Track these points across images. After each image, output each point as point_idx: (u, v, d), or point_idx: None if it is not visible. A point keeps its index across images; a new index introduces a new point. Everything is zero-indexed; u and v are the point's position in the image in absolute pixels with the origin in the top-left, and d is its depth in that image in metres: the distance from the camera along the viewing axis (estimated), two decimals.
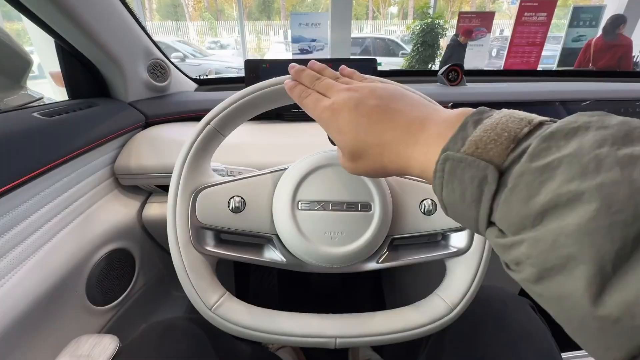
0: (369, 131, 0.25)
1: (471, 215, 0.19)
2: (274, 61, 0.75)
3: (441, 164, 0.19)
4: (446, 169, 0.19)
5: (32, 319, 0.42)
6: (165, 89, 0.81)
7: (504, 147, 0.17)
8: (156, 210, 0.64)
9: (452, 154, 0.19)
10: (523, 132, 0.17)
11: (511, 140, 0.17)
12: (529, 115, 0.19)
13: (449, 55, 4.43)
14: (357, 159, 0.27)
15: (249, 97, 0.35)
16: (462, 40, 4.35)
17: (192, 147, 0.35)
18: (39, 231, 0.46)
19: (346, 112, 0.26)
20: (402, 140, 0.24)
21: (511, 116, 0.19)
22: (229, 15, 16.74)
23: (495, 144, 0.17)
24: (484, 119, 0.19)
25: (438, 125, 0.23)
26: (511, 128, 0.18)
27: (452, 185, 0.19)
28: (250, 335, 0.35)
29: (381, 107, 0.26)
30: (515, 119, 0.18)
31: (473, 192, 0.18)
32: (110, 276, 0.58)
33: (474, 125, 0.19)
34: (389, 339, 0.36)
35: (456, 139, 0.19)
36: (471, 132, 0.19)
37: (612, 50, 3.21)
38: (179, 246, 0.35)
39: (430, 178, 0.21)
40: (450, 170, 0.19)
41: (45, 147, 0.47)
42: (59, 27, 0.58)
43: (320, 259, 0.35)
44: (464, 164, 0.18)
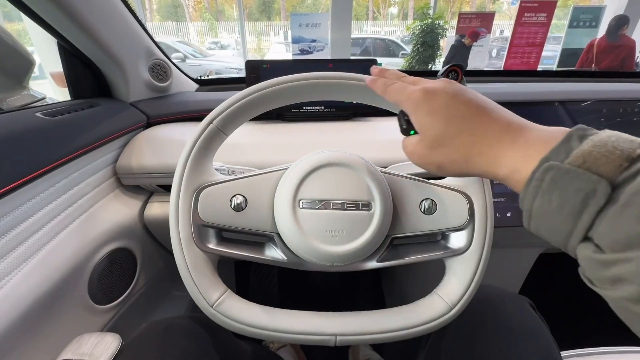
0: (466, 119, 0.25)
1: (565, 227, 0.18)
2: (275, 62, 0.75)
3: (542, 172, 0.19)
4: (547, 178, 0.19)
5: (35, 317, 0.43)
6: (166, 89, 0.82)
7: (616, 164, 0.17)
8: (157, 209, 0.64)
9: (557, 164, 0.19)
10: (637, 152, 0.17)
11: (624, 158, 0.17)
12: (637, 139, 0.19)
13: (452, 55, 4.38)
14: (439, 146, 0.26)
15: (251, 96, 0.36)
16: (467, 43, 4.30)
17: (195, 145, 0.36)
18: (41, 230, 0.46)
19: (443, 96, 0.26)
20: (498, 136, 0.24)
21: (620, 136, 0.19)
22: (229, 15, 16.76)
23: (607, 159, 0.18)
24: (589, 135, 0.19)
25: (539, 132, 0.23)
26: (623, 147, 0.18)
27: (551, 195, 0.19)
28: (251, 332, 0.35)
29: (479, 102, 0.26)
30: (625, 140, 0.18)
31: (575, 205, 0.18)
32: (111, 275, 0.58)
33: (579, 139, 0.19)
34: (388, 337, 0.36)
35: (559, 151, 0.19)
36: (576, 146, 0.19)
37: (615, 51, 3.19)
38: (181, 244, 0.35)
39: (517, 182, 0.22)
40: (552, 180, 0.19)
41: (47, 147, 0.48)
42: (61, 27, 0.58)
43: (321, 258, 0.35)
44: (570, 175, 0.18)
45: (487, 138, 0.24)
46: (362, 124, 0.74)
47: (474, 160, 0.25)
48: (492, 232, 0.37)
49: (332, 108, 0.76)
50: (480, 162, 0.25)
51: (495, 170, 0.24)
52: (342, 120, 0.76)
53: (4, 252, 0.40)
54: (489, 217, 0.37)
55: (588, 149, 0.18)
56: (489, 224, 0.37)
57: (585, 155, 0.18)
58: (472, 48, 4.40)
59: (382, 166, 0.41)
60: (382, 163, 0.47)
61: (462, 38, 4.37)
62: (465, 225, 0.37)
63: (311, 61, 0.78)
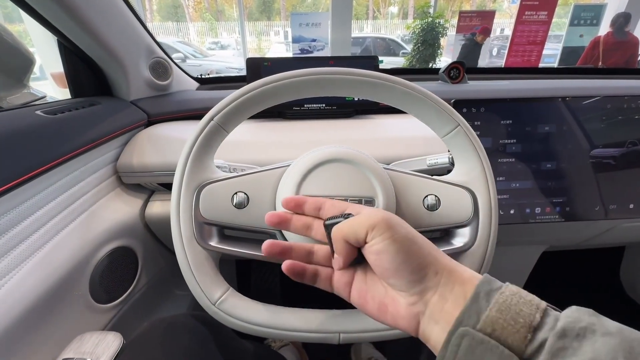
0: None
1: None
2: (276, 59, 0.75)
3: (458, 337, 0.20)
4: (463, 345, 0.20)
5: (36, 316, 0.42)
6: (167, 87, 0.81)
7: (522, 335, 0.19)
8: (158, 208, 0.64)
9: (471, 332, 0.20)
10: (536, 319, 0.19)
11: (527, 328, 0.19)
12: (534, 298, 0.21)
13: (464, 55, 4.29)
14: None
15: (251, 93, 0.35)
16: (479, 40, 4.22)
17: (196, 142, 0.35)
18: (42, 229, 0.46)
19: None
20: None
21: (521, 296, 0.20)
22: (229, 15, 16.76)
23: (513, 329, 0.19)
24: (494, 291, 0.21)
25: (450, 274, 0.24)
26: (525, 313, 0.19)
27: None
28: (254, 330, 0.35)
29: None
30: (525, 301, 0.20)
31: None
32: (113, 274, 0.58)
33: (487, 297, 0.21)
34: (392, 334, 0.36)
35: (470, 312, 0.20)
36: (484, 307, 0.20)
37: (622, 48, 3.17)
38: (182, 242, 0.35)
39: (433, 331, 0.23)
40: (468, 349, 0.19)
41: (48, 145, 0.47)
42: (63, 26, 0.58)
43: None
44: (484, 347, 0.19)
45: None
46: (363, 121, 0.74)
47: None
48: (497, 229, 0.37)
49: (334, 106, 0.75)
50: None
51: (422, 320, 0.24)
52: (344, 117, 0.76)
53: (4, 251, 0.40)
54: (493, 213, 0.37)
55: (495, 315, 0.20)
56: (493, 220, 0.37)
57: (493, 322, 0.19)
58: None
59: (384, 163, 0.40)
60: (385, 160, 0.47)
61: (473, 36, 4.28)
62: (470, 221, 0.37)
63: (312, 59, 0.78)
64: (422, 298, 0.24)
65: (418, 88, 0.36)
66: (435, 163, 0.50)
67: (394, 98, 0.37)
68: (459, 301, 0.22)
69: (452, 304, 0.22)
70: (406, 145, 0.61)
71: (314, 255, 0.30)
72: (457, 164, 0.39)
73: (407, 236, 0.25)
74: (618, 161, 0.59)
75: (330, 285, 0.30)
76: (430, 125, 0.38)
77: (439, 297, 0.23)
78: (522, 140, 0.58)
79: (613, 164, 0.59)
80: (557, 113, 0.58)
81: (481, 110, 0.57)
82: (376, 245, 0.25)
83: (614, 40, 3.18)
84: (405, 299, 0.25)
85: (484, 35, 4.24)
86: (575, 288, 1.03)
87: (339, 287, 0.29)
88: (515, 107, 0.57)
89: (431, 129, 0.38)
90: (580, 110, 0.58)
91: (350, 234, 0.26)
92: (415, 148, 0.60)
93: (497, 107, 0.57)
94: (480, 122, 0.57)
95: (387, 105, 0.38)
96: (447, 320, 0.22)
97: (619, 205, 0.59)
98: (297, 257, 0.30)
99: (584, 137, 0.59)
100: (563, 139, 0.58)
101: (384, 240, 0.24)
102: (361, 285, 0.28)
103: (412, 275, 0.24)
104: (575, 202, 0.59)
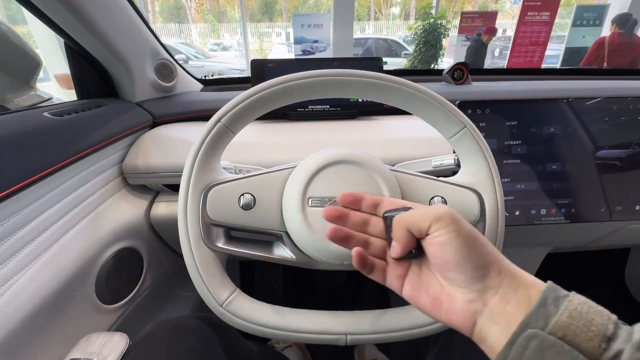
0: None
1: None
2: (280, 61, 0.75)
3: (525, 339, 0.20)
4: (531, 346, 0.19)
5: (43, 317, 0.43)
6: (171, 89, 0.82)
7: (595, 343, 0.19)
8: (164, 209, 0.64)
9: (542, 334, 0.19)
10: (609, 329, 0.19)
11: (601, 337, 0.19)
12: (603, 309, 0.21)
13: (471, 56, 4.22)
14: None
15: (259, 94, 0.35)
16: (485, 40, 4.18)
17: (203, 144, 0.36)
18: (49, 230, 0.46)
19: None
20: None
21: (590, 305, 0.20)
22: (231, 17, 16.82)
23: (586, 336, 0.19)
24: (561, 298, 0.21)
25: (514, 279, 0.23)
26: (597, 322, 0.19)
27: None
28: (261, 331, 0.35)
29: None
30: (595, 311, 0.20)
31: None
32: (118, 275, 0.58)
33: (555, 303, 0.21)
34: (399, 336, 0.36)
35: (538, 315, 0.20)
36: (554, 311, 0.20)
37: (627, 49, 3.14)
38: (190, 243, 0.35)
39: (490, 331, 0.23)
40: (537, 350, 0.19)
41: (55, 147, 0.48)
42: (69, 28, 0.58)
43: (331, 256, 0.35)
44: (556, 349, 0.19)
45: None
46: (368, 122, 0.74)
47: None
48: (503, 230, 0.37)
49: (338, 107, 0.75)
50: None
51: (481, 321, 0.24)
52: (348, 119, 0.76)
53: (12, 252, 0.40)
54: (500, 215, 0.37)
55: (566, 320, 0.20)
56: (500, 222, 0.37)
57: (564, 328, 0.19)
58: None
59: (389, 164, 0.40)
60: (390, 161, 0.47)
61: (479, 36, 4.23)
62: (476, 223, 0.37)
63: (316, 60, 0.78)
64: (482, 297, 0.24)
65: (424, 89, 0.36)
66: (440, 164, 0.50)
67: (400, 100, 0.37)
68: (523, 304, 0.22)
69: (515, 306, 0.22)
70: (411, 147, 0.61)
71: (370, 247, 0.30)
72: (463, 165, 0.39)
73: (472, 232, 0.25)
74: (624, 162, 0.59)
75: (383, 278, 0.29)
76: (436, 126, 0.38)
77: (501, 298, 0.23)
78: (527, 141, 0.58)
79: (619, 165, 0.59)
80: (561, 114, 0.58)
81: (486, 112, 0.57)
82: (440, 237, 0.25)
83: (619, 40, 3.16)
84: (463, 296, 0.24)
85: (490, 35, 4.20)
86: (580, 290, 1.03)
87: (392, 279, 0.29)
88: (520, 108, 0.57)
89: (437, 130, 0.38)
90: (585, 112, 0.58)
91: (413, 223, 0.26)
92: (420, 149, 0.60)
93: (502, 108, 0.57)
94: (485, 123, 0.57)
95: (392, 106, 0.38)
96: (508, 321, 0.22)
97: (625, 207, 0.59)
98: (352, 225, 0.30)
99: (589, 138, 0.58)
100: (568, 140, 0.58)
101: (449, 233, 0.24)
102: (415, 278, 0.28)
103: (474, 271, 0.24)
104: (580, 203, 0.59)
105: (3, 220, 0.39)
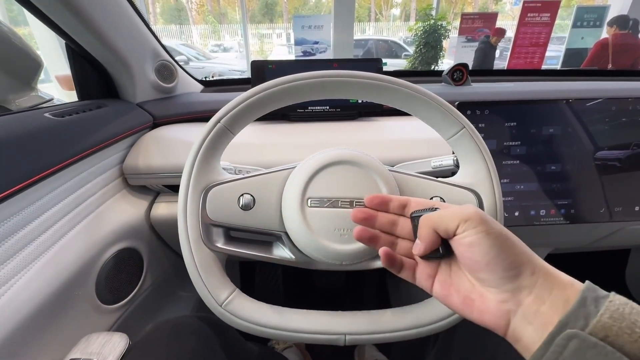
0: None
1: None
2: (280, 62, 0.75)
3: (564, 339, 0.19)
4: (570, 346, 0.19)
5: (43, 317, 0.43)
6: (172, 90, 0.82)
7: (639, 345, 0.18)
8: (164, 209, 0.64)
9: (582, 335, 0.19)
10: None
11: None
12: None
13: (480, 59, 4.14)
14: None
15: (258, 95, 0.36)
16: (493, 42, 4.12)
17: (203, 144, 0.36)
18: (50, 230, 0.46)
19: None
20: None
21: (632, 307, 0.20)
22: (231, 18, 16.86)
23: (630, 338, 0.18)
24: (601, 299, 0.20)
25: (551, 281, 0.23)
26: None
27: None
28: (260, 331, 0.35)
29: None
30: (638, 312, 0.19)
31: None
32: (118, 275, 0.58)
33: (595, 304, 0.20)
34: (398, 336, 0.36)
35: (577, 316, 0.20)
36: (594, 312, 0.19)
37: (630, 50, 3.10)
38: (189, 243, 0.35)
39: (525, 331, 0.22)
40: (576, 351, 0.19)
41: (56, 147, 0.48)
42: (70, 29, 0.59)
43: (330, 256, 0.35)
44: (597, 351, 0.18)
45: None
46: (367, 123, 0.74)
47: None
48: None
49: (338, 108, 0.75)
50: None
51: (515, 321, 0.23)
52: (348, 120, 0.76)
53: (13, 252, 0.40)
54: (498, 215, 0.37)
55: (607, 321, 0.19)
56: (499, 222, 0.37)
57: (606, 328, 0.19)
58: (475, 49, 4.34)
59: (389, 165, 0.40)
60: (389, 162, 0.47)
61: (487, 38, 4.12)
62: None
63: (316, 61, 0.78)
64: (515, 297, 0.23)
65: (423, 90, 0.36)
66: (439, 165, 0.50)
67: (399, 100, 0.37)
68: (559, 304, 0.21)
69: (550, 307, 0.22)
70: (410, 147, 0.61)
71: (397, 247, 0.30)
72: (462, 166, 0.39)
73: (502, 232, 0.24)
74: (623, 163, 0.59)
75: (413, 276, 0.29)
76: (435, 127, 0.38)
77: (535, 298, 0.23)
78: (527, 142, 0.58)
79: (618, 166, 0.59)
80: (561, 115, 0.58)
81: (485, 113, 0.57)
82: (469, 237, 0.24)
83: (621, 42, 3.14)
84: (495, 296, 0.24)
85: (498, 36, 4.12)
86: None
87: (422, 278, 0.29)
88: (520, 109, 0.57)
89: (436, 131, 0.39)
90: (584, 112, 0.58)
91: (440, 223, 0.26)
92: (420, 150, 0.60)
93: (501, 109, 0.57)
94: (484, 124, 0.57)
95: (391, 107, 0.38)
96: (543, 322, 0.21)
97: (625, 208, 0.59)
98: (380, 227, 0.30)
99: (588, 139, 0.59)
100: (567, 141, 0.58)
101: (478, 233, 0.24)
102: (445, 277, 0.28)
103: (505, 271, 0.23)
104: (580, 204, 0.59)
105: (4, 220, 0.39)
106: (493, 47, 4.19)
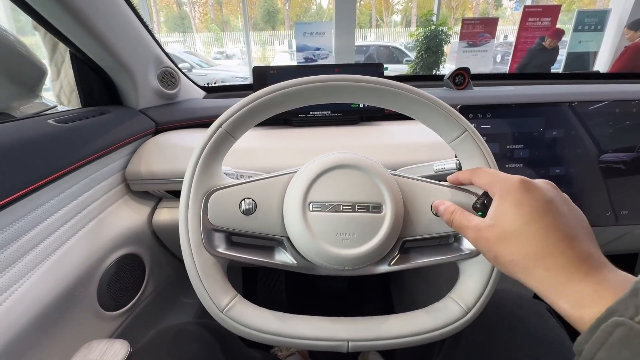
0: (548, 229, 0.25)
1: None
2: (282, 68, 0.76)
3: (610, 325, 0.19)
4: (616, 333, 0.19)
5: (44, 323, 0.42)
6: (174, 96, 0.83)
7: None
8: (166, 215, 0.64)
9: (630, 323, 0.19)
10: None
11: None
12: None
13: (528, 60, 3.88)
14: (506, 239, 0.26)
15: (260, 100, 0.36)
16: (547, 44, 3.78)
17: (205, 149, 0.36)
18: (52, 236, 0.46)
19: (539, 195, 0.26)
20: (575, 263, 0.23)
21: None
22: (234, 26, 17.07)
23: None
24: None
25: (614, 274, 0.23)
26: None
27: (619, 353, 0.19)
28: (262, 338, 0.35)
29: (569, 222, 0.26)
30: None
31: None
32: (120, 281, 0.58)
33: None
34: (402, 342, 0.35)
35: (627, 304, 0.19)
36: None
37: None
38: (190, 248, 0.35)
39: (576, 318, 0.22)
40: (623, 338, 0.19)
41: (59, 153, 0.48)
42: (74, 36, 0.60)
43: (332, 261, 0.35)
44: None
45: (563, 258, 0.24)
46: (369, 128, 0.74)
47: (537, 273, 0.24)
48: None
49: (339, 112, 0.76)
50: (543, 277, 0.24)
51: (556, 294, 0.23)
52: (349, 124, 0.76)
53: (15, 258, 0.40)
54: None
55: None
56: None
57: None
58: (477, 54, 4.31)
59: (391, 169, 0.40)
60: (391, 166, 0.47)
61: (542, 40, 3.79)
62: None
63: (318, 66, 0.79)
64: None
65: (425, 94, 0.36)
66: (442, 169, 0.50)
67: (401, 104, 0.37)
68: (609, 293, 0.21)
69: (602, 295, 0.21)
70: (412, 151, 0.61)
71: None
72: (464, 169, 0.39)
73: None
74: (628, 166, 0.58)
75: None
76: (437, 131, 0.38)
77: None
78: (530, 145, 0.57)
79: (623, 169, 0.58)
80: (564, 118, 0.58)
81: (487, 116, 0.56)
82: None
83: None
84: None
85: (553, 38, 3.72)
86: None
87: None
88: (522, 112, 0.57)
89: (438, 135, 0.38)
90: (588, 115, 0.58)
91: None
92: (422, 154, 0.60)
93: (503, 112, 0.57)
94: (486, 127, 0.56)
95: (393, 111, 0.38)
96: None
97: (631, 211, 0.58)
98: None
99: (592, 142, 0.58)
100: (571, 144, 0.58)
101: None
102: None
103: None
104: (585, 207, 0.58)
105: (7, 227, 0.39)
106: (546, 50, 3.81)
